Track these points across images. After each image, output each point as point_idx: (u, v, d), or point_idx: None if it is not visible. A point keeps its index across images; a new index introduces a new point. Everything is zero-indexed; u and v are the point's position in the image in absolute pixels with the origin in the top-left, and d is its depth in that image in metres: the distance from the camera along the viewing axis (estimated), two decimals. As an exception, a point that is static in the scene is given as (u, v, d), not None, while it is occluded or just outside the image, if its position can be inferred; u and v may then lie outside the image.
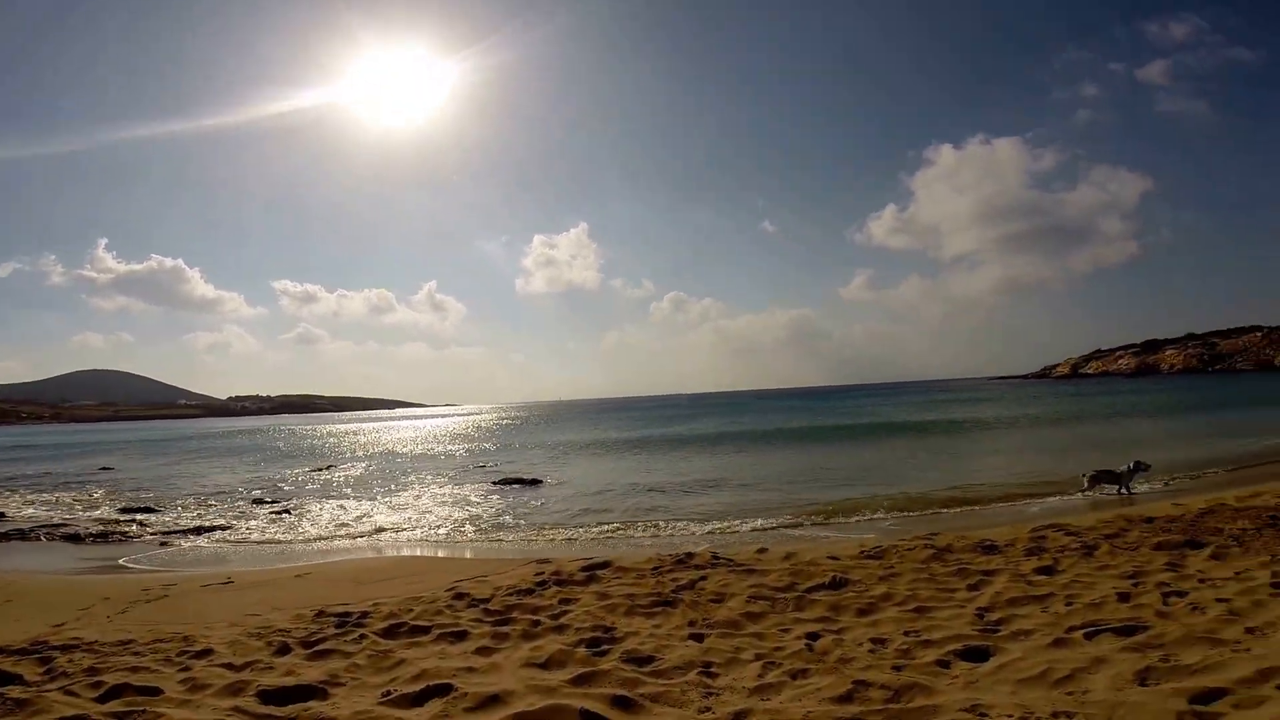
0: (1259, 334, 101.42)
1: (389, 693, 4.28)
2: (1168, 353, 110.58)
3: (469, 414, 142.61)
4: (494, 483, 19.54)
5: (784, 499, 13.94)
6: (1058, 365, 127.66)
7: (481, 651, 4.97)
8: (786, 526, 10.95)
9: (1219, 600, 4.85)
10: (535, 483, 19.25)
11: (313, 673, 4.65)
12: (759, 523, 11.32)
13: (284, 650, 5.21)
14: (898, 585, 5.97)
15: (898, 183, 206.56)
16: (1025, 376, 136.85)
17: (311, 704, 4.15)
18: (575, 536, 11.30)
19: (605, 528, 11.75)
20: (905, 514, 11.31)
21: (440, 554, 10.14)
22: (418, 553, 10.16)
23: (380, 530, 12.86)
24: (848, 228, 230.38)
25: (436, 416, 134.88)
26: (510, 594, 6.39)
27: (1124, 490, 11.91)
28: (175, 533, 13.50)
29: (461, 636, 5.31)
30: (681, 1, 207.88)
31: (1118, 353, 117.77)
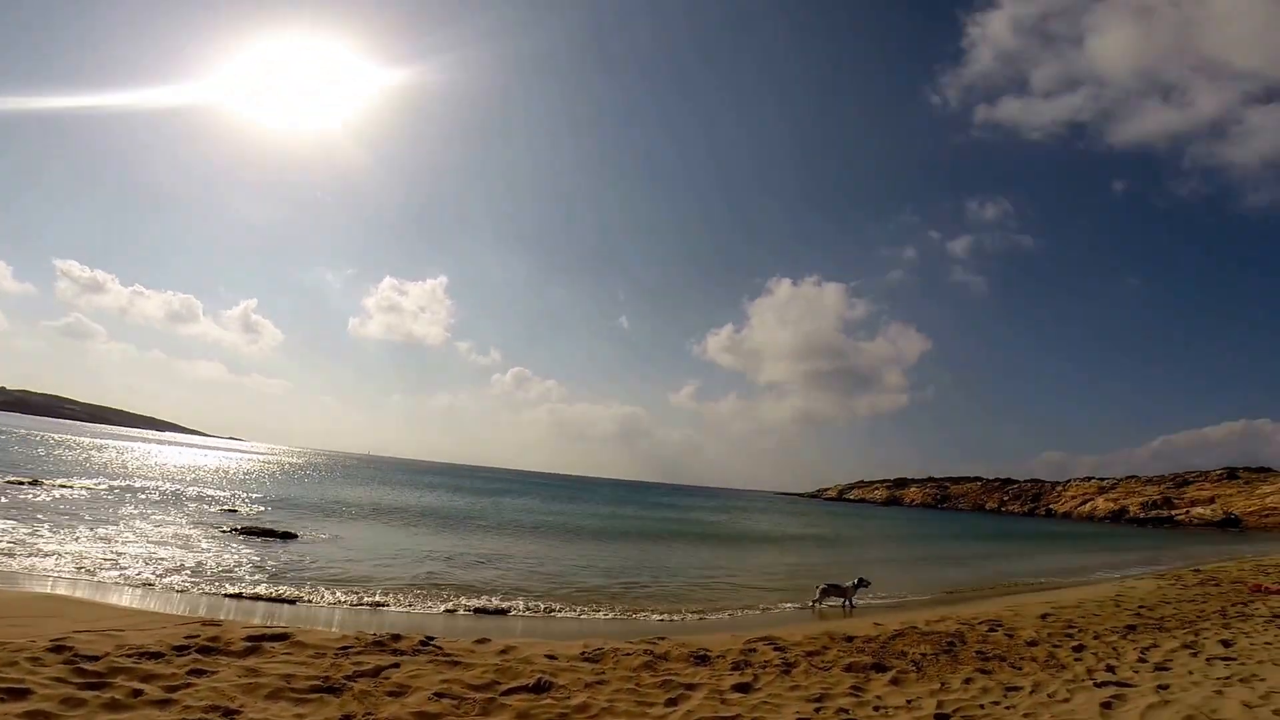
0: (978, 483, 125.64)
1: None
2: (911, 489, 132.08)
3: (254, 452, 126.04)
4: (236, 529, 16.97)
5: (549, 584, 13.36)
6: (828, 489, 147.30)
7: (30, 715, 3.83)
8: (531, 613, 10.31)
9: (885, 732, 4.87)
10: (289, 536, 16.95)
11: None
12: (509, 606, 10.58)
13: None
14: (600, 694, 5.59)
15: (740, 305, 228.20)
16: (801, 495, 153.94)
17: None
18: (286, 598, 9.80)
19: (336, 595, 10.37)
20: (646, 613, 11.13)
21: (96, 598, 8.24)
22: (69, 593, 8.19)
23: (44, 562, 10.40)
24: (689, 338, 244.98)
25: (213, 449, 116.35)
26: (131, 655, 5.17)
27: (848, 604, 12.71)
28: None
29: (20, 695, 4.12)
30: (593, 88, 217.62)
31: (874, 485, 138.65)
